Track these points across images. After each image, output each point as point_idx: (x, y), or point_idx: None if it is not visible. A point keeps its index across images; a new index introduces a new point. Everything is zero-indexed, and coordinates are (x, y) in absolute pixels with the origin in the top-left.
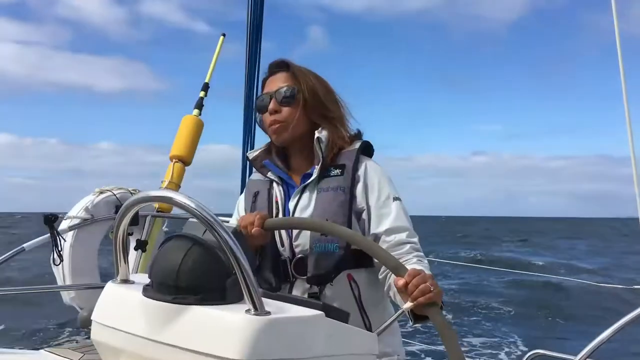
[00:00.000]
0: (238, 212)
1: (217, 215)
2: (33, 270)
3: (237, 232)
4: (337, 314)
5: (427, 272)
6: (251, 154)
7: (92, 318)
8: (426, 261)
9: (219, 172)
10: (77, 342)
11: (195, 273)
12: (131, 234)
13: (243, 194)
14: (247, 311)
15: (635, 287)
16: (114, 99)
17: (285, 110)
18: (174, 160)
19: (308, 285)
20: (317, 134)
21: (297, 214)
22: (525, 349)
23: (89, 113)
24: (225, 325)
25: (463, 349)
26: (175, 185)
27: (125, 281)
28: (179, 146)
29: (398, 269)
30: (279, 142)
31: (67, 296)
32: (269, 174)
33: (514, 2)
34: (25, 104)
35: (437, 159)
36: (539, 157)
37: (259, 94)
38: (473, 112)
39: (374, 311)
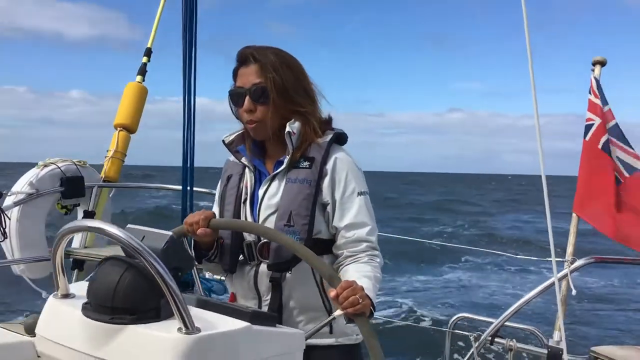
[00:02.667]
0: (217, 193)
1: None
2: None
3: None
4: (265, 318)
5: (366, 279)
6: (227, 138)
7: (36, 331)
8: (378, 260)
9: (197, 124)
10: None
11: (130, 295)
12: (78, 205)
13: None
14: (179, 330)
15: (548, 259)
16: (84, 46)
17: (260, 109)
18: (118, 128)
19: (270, 271)
20: (288, 127)
21: (265, 202)
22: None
23: (58, 61)
24: (158, 344)
25: None
26: (121, 154)
27: (66, 296)
28: (123, 114)
29: (332, 280)
30: (257, 139)
31: (17, 269)
32: (243, 159)
33: None
34: None
35: (413, 117)
36: (515, 116)
37: (233, 85)
38: (452, 69)
39: None
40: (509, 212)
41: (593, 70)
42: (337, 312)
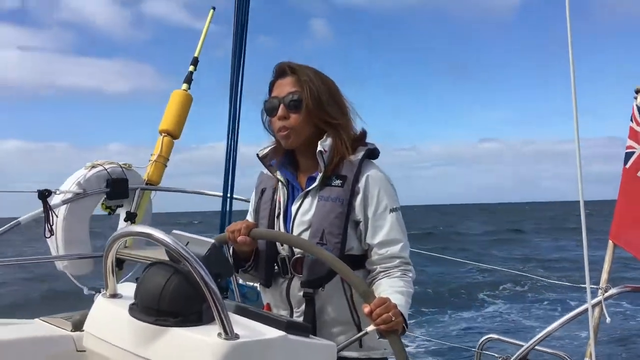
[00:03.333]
0: (250, 206)
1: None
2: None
3: (218, 246)
4: (300, 328)
5: (399, 294)
6: (261, 152)
7: (84, 328)
8: (410, 274)
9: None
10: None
11: (175, 299)
12: (121, 206)
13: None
14: (219, 335)
15: (582, 285)
16: (121, 100)
17: (293, 117)
18: (163, 134)
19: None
20: (319, 146)
21: (298, 218)
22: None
23: (97, 115)
24: (199, 347)
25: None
26: (164, 159)
27: (114, 295)
28: (167, 120)
29: (366, 296)
30: (287, 147)
31: (60, 265)
32: (276, 173)
33: None
34: (33, 110)
35: (445, 148)
36: (549, 141)
37: (267, 97)
38: (480, 99)
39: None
40: (547, 238)
41: (635, 98)
42: (370, 328)
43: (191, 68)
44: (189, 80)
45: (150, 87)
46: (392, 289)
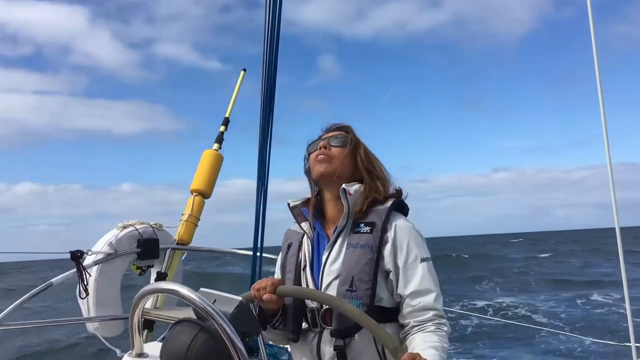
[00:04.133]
0: (278, 262)
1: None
2: None
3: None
4: None
5: (433, 349)
6: (292, 202)
7: None
8: (445, 328)
9: (242, 206)
10: None
11: (200, 358)
12: (152, 267)
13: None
14: None
15: (627, 344)
16: (133, 141)
17: (335, 149)
18: (194, 194)
19: (333, 337)
20: (344, 185)
21: (327, 267)
22: None
23: (109, 157)
24: None
25: None
26: (195, 218)
27: (140, 355)
28: (199, 180)
29: (396, 352)
30: (319, 173)
31: (91, 327)
32: (303, 224)
33: (521, 16)
34: (47, 153)
35: (457, 179)
36: (562, 169)
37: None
38: (491, 129)
39: None
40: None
41: None
42: None
43: (222, 128)
44: (220, 140)
45: (162, 127)
46: (425, 344)
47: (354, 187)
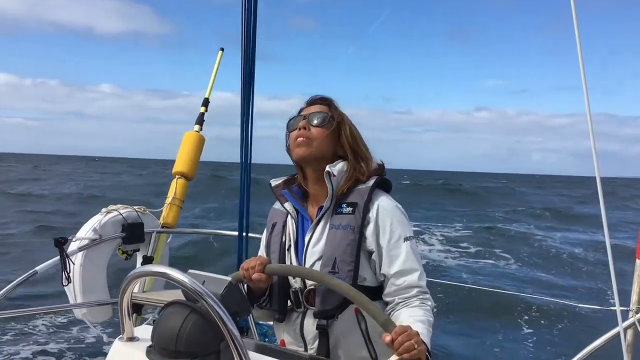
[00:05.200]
0: (262, 241)
1: None
2: None
3: (235, 285)
4: None
5: (420, 323)
6: (273, 182)
7: None
8: (429, 303)
9: (224, 119)
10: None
11: (192, 339)
12: (138, 250)
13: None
14: None
15: (612, 308)
16: (116, 42)
17: (314, 129)
18: (176, 176)
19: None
20: (327, 168)
21: (310, 248)
22: None
23: (90, 55)
24: None
25: None
26: (179, 201)
27: (131, 339)
28: (181, 162)
29: (387, 325)
30: (298, 156)
31: (79, 313)
32: (286, 204)
33: None
34: (25, 43)
35: (439, 114)
36: (543, 114)
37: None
38: (479, 67)
39: (380, 342)
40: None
41: None
42: (393, 358)
43: (202, 109)
44: (200, 121)
45: (146, 28)
46: (412, 318)
47: (337, 167)
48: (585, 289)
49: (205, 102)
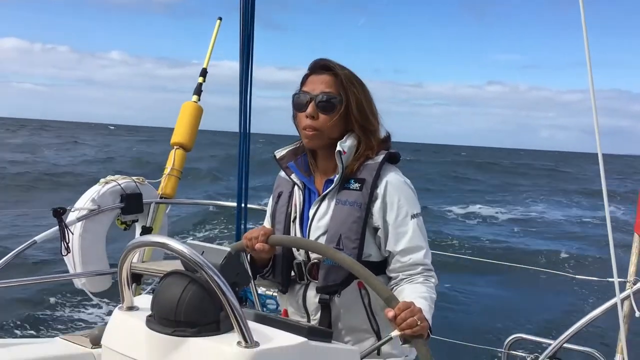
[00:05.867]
0: (268, 210)
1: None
2: None
3: (234, 255)
4: (321, 334)
5: (423, 299)
6: (278, 153)
7: (102, 342)
8: (433, 280)
9: (233, 88)
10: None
11: (192, 308)
12: (137, 221)
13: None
14: (239, 343)
15: (610, 279)
16: (126, 9)
17: (322, 117)
18: (175, 147)
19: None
20: (339, 146)
21: (314, 222)
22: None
23: (101, 21)
24: (219, 357)
25: None
26: (178, 172)
27: (131, 308)
28: (179, 133)
29: (390, 300)
30: (310, 147)
31: (78, 282)
32: (293, 176)
33: None
34: (35, 9)
35: (450, 88)
36: (554, 90)
37: (298, 90)
38: (492, 40)
39: (382, 317)
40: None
41: None
42: (395, 333)
43: (200, 79)
44: (198, 91)
45: None
46: (415, 294)
47: (347, 143)
48: None
49: (204, 72)
